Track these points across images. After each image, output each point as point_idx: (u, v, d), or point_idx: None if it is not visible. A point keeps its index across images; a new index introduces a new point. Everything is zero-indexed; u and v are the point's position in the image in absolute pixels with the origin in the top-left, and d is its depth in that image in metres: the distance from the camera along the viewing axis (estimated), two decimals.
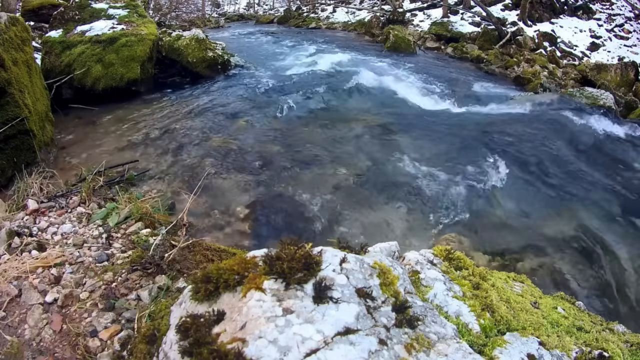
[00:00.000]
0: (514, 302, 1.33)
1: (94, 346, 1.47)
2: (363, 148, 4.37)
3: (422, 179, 3.85)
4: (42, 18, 7.73)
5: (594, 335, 1.31)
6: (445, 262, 1.43)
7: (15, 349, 1.42)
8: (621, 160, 4.88)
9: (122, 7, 6.20)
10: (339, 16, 18.47)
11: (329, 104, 5.69)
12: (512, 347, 1.04)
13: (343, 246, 1.18)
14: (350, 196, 3.52)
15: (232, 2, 34.44)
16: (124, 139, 4.21)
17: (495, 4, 14.46)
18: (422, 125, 5.24)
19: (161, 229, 2.23)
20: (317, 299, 0.89)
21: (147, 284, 1.78)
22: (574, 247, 3.15)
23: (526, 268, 2.89)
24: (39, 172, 2.95)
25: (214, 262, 1.91)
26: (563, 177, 4.23)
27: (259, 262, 0.99)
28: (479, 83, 8.04)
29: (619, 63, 9.20)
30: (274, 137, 4.55)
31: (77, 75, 5.08)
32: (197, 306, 0.96)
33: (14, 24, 3.44)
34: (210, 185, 3.46)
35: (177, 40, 6.49)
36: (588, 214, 3.62)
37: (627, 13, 14.24)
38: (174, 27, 11.83)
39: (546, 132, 5.27)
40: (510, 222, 3.42)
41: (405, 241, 3.00)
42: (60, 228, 2.16)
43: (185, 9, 19.02)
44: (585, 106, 6.43)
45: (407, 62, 9.07)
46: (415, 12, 16.15)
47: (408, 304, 0.98)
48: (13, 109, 3.10)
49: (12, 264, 1.77)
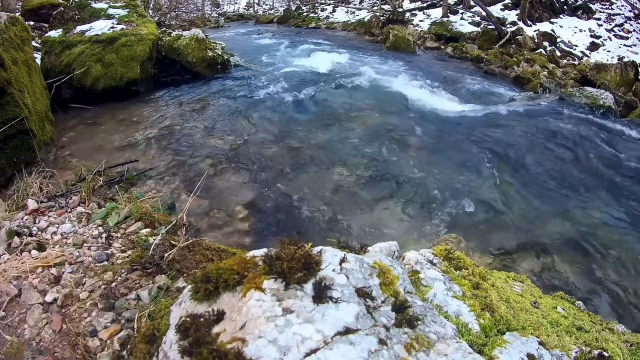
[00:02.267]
0: (514, 302, 1.33)
1: (94, 346, 1.47)
2: (363, 148, 4.38)
3: (422, 179, 3.85)
4: (42, 18, 7.74)
5: (594, 335, 1.31)
6: (445, 262, 1.43)
7: (15, 349, 1.42)
8: (621, 160, 4.88)
9: (122, 7, 6.20)
10: (339, 16, 18.48)
11: (329, 104, 5.69)
12: (512, 347, 1.04)
13: (343, 246, 1.18)
14: (350, 196, 3.52)
15: (232, 2, 34.45)
16: (124, 139, 4.21)
17: (495, 4, 14.47)
18: (422, 126, 5.24)
19: (161, 229, 2.22)
20: (317, 299, 0.89)
21: (147, 284, 1.78)
22: (574, 247, 3.15)
23: (526, 268, 2.89)
24: (39, 172, 2.95)
25: (214, 262, 1.91)
26: (563, 177, 4.23)
27: (259, 262, 0.98)
28: (479, 83, 8.04)
29: (619, 63, 9.20)
30: (274, 137, 4.55)
31: (77, 75, 5.08)
32: (197, 306, 0.96)
33: (14, 24, 3.44)
34: (210, 185, 3.46)
35: (177, 40, 6.49)
36: (588, 214, 3.62)
37: (627, 13, 14.24)
38: (174, 27, 11.83)
39: (546, 132, 5.27)
40: (510, 222, 3.42)
41: (405, 241, 3.00)
42: (60, 228, 2.16)
43: (185, 9, 19.05)
44: (585, 106, 6.43)
45: (407, 62, 9.07)
46: (415, 12, 16.16)
47: (408, 304, 0.98)
48: (13, 109, 3.10)
49: (12, 264, 1.77)
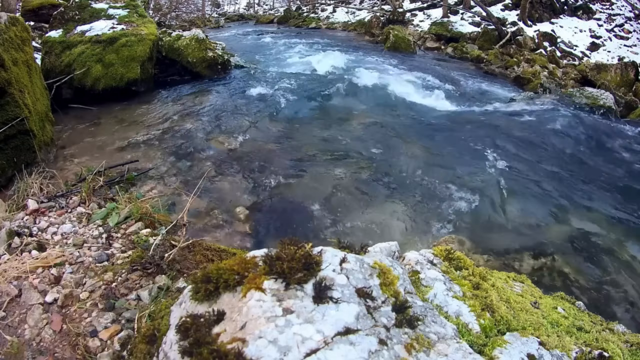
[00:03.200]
0: (514, 302, 1.33)
1: (94, 346, 1.47)
2: (363, 148, 4.37)
3: (422, 179, 3.85)
4: (42, 18, 7.75)
5: (594, 335, 1.31)
6: (445, 262, 1.43)
7: (15, 349, 1.42)
8: (621, 160, 4.88)
9: (122, 7, 6.20)
10: (339, 16, 18.48)
11: (329, 104, 5.69)
12: (512, 347, 1.04)
13: (343, 246, 1.18)
14: (350, 196, 3.52)
15: (232, 2, 34.47)
16: (124, 139, 4.21)
17: (495, 4, 14.47)
18: (422, 126, 5.25)
19: (161, 229, 2.22)
20: (317, 299, 0.89)
21: (147, 284, 1.78)
22: (574, 247, 3.15)
23: (526, 268, 2.89)
24: (39, 172, 2.94)
25: (214, 262, 1.91)
26: (563, 177, 4.23)
27: (259, 262, 0.98)
28: (478, 83, 8.05)
29: (619, 63, 9.20)
30: (273, 137, 4.55)
31: (77, 75, 5.08)
32: (197, 306, 0.96)
33: (14, 24, 3.44)
34: (210, 185, 3.46)
35: (177, 40, 6.49)
36: (588, 214, 3.63)
37: (627, 13, 14.24)
38: (174, 27, 11.84)
39: (546, 132, 5.28)
40: (510, 222, 3.42)
41: (405, 241, 3.00)
42: (60, 228, 2.16)
43: (185, 9, 19.06)
44: (585, 106, 6.44)
45: (407, 62, 9.07)
46: (415, 12, 16.16)
47: (408, 304, 0.97)
48: (13, 109, 3.10)
49: (12, 264, 1.77)
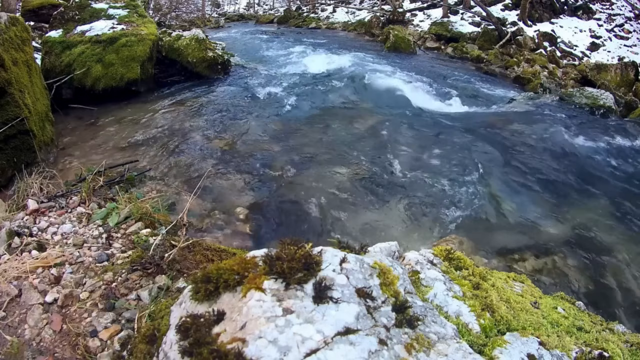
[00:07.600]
0: (514, 302, 1.33)
1: (94, 346, 1.47)
2: (363, 148, 4.37)
3: (422, 179, 3.85)
4: (42, 18, 7.74)
5: (594, 335, 1.30)
6: (445, 262, 1.43)
7: (15, 349, 1.42)
8: (621, 160, 4.88)
9: (122, 7, 6.20)
10: (339, 16, 18.49)
11: (329, 104, 5.69)
12: (512, 347, 1.04)
13: (343, 246, 1.18)
14: (350, 196, 3.52)
15: (232, 2, 34.47)
16: (124, 139, 4.21)
17: (495, 4, 14.47)
18: (422, 126, 5.24)
19: (161, 229, 2.22)
20: (317, 299, 0.89)
21: (147, 284, 1.78)
22: (574, 247, 3.15)
23: (526, 268, 2.89)
24: (39, 172, 2.94)
25: (214, 262, 1.91)
26: (563, 177, 4.23)
27: (259, 262, 0.98)
28: (479, 83, 8.05)
29: (619, 63, 9.20)
30: (274, 137, 4.55)
31: (77, 75, 5.08)
32: (197, 306, 0.96)
33: (14, 24, 3.44)
34: (210, 185, 3.46)
35: (177, 40, 6.49)
36: (587, 214, 3.63)
37: (627, 13, 14.24)
38: (174, 27, 11.84)
39: (546, 132, 5.27)
40: (510, 222, 3.42)
41: (405, 241, 3.00)
42: (60, 228, 2.16)
43: (185, 9, 19.06)
44: (585, 106, 6.44)
45: (407, 62, 9.08)
46: (415, 12, 16.17)
47: (408, 304, 0.97)
48: (13, 109, 3.10)
49: (12, 264, 1.77)
